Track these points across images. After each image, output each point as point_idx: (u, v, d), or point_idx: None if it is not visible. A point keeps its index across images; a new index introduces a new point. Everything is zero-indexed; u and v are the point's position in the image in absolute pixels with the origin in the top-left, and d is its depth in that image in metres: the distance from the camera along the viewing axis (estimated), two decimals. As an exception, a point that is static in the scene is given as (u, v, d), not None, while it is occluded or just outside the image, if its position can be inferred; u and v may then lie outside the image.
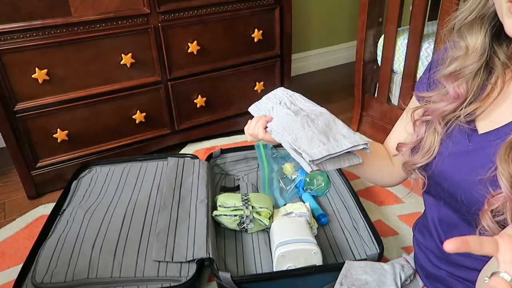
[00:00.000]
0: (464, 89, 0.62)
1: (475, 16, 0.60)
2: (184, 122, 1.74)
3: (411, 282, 0.82)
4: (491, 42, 0.61)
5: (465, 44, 0.62)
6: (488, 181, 0.55)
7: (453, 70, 0.63)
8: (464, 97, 0.62)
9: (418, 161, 0.68)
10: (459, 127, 0.63)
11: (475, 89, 0.62)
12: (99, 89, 1.49)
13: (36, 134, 1.44)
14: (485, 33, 0.60)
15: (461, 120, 0.63)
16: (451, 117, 0.64)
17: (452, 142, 0.64)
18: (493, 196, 0.54)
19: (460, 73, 0.62)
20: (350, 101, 2.01)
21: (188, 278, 1.01)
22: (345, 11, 2.62)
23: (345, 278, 0.83)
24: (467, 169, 0.60)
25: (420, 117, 0.69)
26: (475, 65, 0.61)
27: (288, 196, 1.36)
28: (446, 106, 0.64)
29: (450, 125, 0.65)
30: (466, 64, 0.62)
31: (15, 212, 1.45)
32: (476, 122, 0.62)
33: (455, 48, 0.64)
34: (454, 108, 0.63)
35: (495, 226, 0.54)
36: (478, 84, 0.62)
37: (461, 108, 0.63)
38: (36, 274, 1.00)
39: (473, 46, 0.61)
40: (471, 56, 0.61)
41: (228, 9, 1.61)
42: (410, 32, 1.58)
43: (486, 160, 0.56)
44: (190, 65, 1.64)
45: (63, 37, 1.36)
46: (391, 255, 1.18)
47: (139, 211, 1.22)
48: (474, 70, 0.61)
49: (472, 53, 0.61)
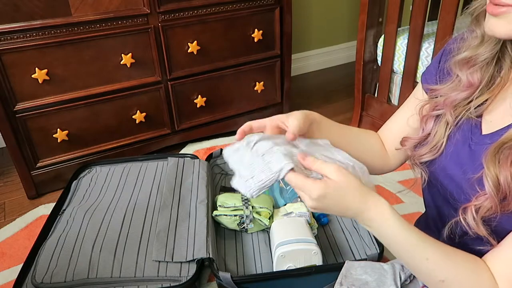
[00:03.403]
0: (477, 77, 0.62)
1: None
2: (184, 122, 1.74)
3: (411, 282, 0.82)
4: None
5: (481, 33, 0.62)
6: (476, 181, 0.57)
7: (466, 57, 0.63)
8: (476, 85, 0.62)
9: (424, 156, 0.68)
10: (468, 122, 0.63)
11: (488, 79, 0.62)
12: (99, 89, 1.49)
13: (36, 134, 1.44)
14: None
15: (471, 112, 0.63)
16: (462, 110, 0.64)
17: (458, 136, 0.64)
18: (480, 195, 0.56)
19: (474, 60, 0.62)
20: (350, 101, 2.01)
21: (188, 278, 1.01)
22: (345, 11, 2.62)
23: (345, 278, 0.83)
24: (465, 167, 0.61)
25: (429, 112, 0.69)
26: (489, 54, 0.61)
27: (288, 196, 1.36)
28: (458, 94, 0.64)
29: (461, 118, 0.64)
30: (481, 52, 0.62)
31: (15, 212, 1.45)
32: (483, 117, 0.62)
33: (471, 37, 0.64)
34: (466, 96, 0.63)
35: (474, 223, 0.56)
36: (490, 74, 0.62)
37: (471, 99, 0.63)
38: (36, 274, 1.00)
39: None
40: (486, 43, 0.61)
41: (228, 9, 1.61)
42: (410, 32, 1.59)
43: (476, 162, 0.58)
44: (190, 65, 1.64)
45: (63, 37, 1.36)
46: (391, 255, 1.17)
47: (139, 211, 1.22)
48: (488, 58, 0.61)
49: (487, 41, 0.61)
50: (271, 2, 1.70)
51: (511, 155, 0.53)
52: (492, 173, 0.53)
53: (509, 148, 0.53)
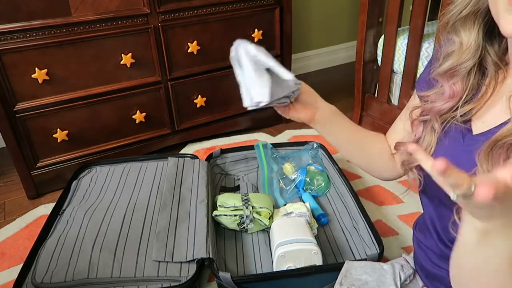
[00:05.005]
0: (459, 87, 0.62)
1: (469, 11, 0.60)
2: (184, 122, 1.74)
3: (410, 282, 0.82)
4: (484, 40, 0.61)
5: (459, 40, 0.62)
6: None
7: (448, 68, 0.63)
8: (459, 95, 0.63)
9: (415, 160, 0.68)
10: (456, 127, 0.64)
11: (471, 88, 0.62)
12: (99, 89, 1.49)
13: (36, 134, 1.44)
14: (478, 29, 0.60)
15: (457, 119, 0.63)
16: (448, 116, 0.64)
17: (448, 141, 0.65)
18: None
19: (456, 70, 0.62)
20: (350, 101, 2.01)
21: (188, 278, 1.01)
22: (345, 11, 2.62)
23: (345, 278, 0.83)
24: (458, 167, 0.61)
25: (418, 116, 0.70)
26: (470, 62, 0.61)
27: (288, 196, 1.36)
28: (443, 105, 0.64)
29: (447, 124, 0.65)
30: (461, 61, 0.62)
31: (15, 212, 1.45)
32: (472, 122, 0.62)
33: (449, 44, 0.64)
34: (451, 106, 0.64)
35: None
36: (472, 83, 0.62)
37: (457, 108, 0.63)
38: (36, 274, 1.00)
39: (467, 42, 0.61)
40: (465, 52, 0.61)
41: (228, 9, 1.61)
42: (410, 32, 1.58)
43: (474, 160, 0.57)
44: (190, 65, 1.64)
45: (63, 37, 1.36)
46: (391, 255, 1.17)
47: (139, 211, 1.22)
48: (469, 66, 0.61)
49: (466, 50, 0.61)
50: (271, 2, 1.70)
51: (503, 153, 0.52)
52: (485, 170, 0.53)
53: (502, 147, 0.53)
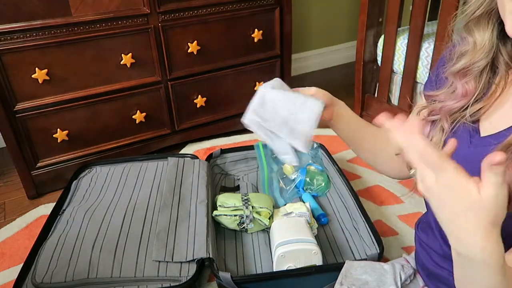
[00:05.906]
0: (472, 86, 0.62)
1: (483, 11, 0.60)
2: (184, 122, 1.74)
3: (411, 282, 0.82)
4: (497, 40, 0.61)
5: (473, 40, 0.62)
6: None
7: (462, 67, 0.63)
8: (472, 94, 0.62)
9: None
10: (464, 127, 0.64)
11: (482, 87, 0.62)
12: (99, 89, 1.49)
13: (36, 134, 1.44)
14: (492, 29, 0.60)
15: (467, 119, 0.63)
16: (457, 116, 0.64)
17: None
18: None
19: (469, 70, 0.62)
20: (350, 101, 2.01)
21: (188, 278, 1.01)
22: (345, 11, 2.62)
23: (345, 278, 0.83)
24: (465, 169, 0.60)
25: (426, 117, 0.69)
26: (483, 61, 0.61)
27: (288, 196, 1.36)
28: (455, 103, 0.64)
29: (456, 123, 0.64)
30: (474, 60, 0.62)
31: (15, 212, 1.45)
32: (480, 122, 0.62)
33: (463, 44, 0.64)
34: (462, 105, 0.63)
35: None
36: (484, 82, 0.62)
37: (467, 106, 0.63)
38: (36, 274, 1.00)
39: (480, 42, 0.61)
40: (479, 52, 0.61)
41: (228, 9, 1.61)
42: (410, 32, 1.59)
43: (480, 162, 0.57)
44: (190, 65, 1.64)
45: (63, 37, 1.36)
46: (391, 255, 1.17)
47: (139, 211, 1.22)
48: (482, 66, 0.61)
49: (480, 49, 0.61)
50: (271, 2, 1.70)
51: None
52: None
53: None
